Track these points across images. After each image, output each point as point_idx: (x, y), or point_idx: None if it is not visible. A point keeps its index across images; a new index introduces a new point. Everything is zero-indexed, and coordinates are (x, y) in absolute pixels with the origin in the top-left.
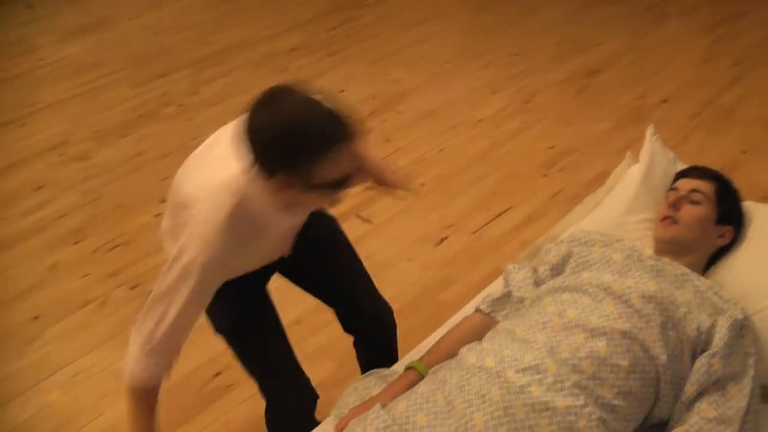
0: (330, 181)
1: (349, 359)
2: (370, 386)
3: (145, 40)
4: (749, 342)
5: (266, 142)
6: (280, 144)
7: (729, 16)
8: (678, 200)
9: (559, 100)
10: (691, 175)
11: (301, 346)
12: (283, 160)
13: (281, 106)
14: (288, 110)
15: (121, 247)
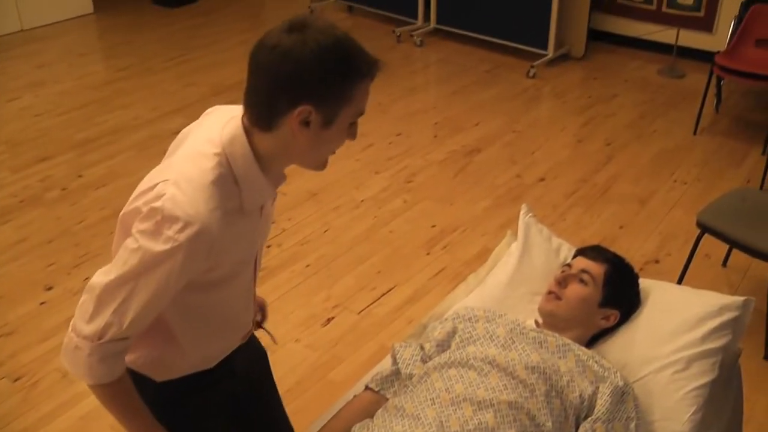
0: (352, 114)
1: None
2: None
3: (24, 122)
4: (630, 407)
5: (309, 55)
6: (326, 56)
7: (599, 99)
8: (565, 278)
9: (439, 179)
10: (588, 255)
11: None
12: (329, 71)
13: (315, 29)
14: (325, 32)
15: (4, 338)
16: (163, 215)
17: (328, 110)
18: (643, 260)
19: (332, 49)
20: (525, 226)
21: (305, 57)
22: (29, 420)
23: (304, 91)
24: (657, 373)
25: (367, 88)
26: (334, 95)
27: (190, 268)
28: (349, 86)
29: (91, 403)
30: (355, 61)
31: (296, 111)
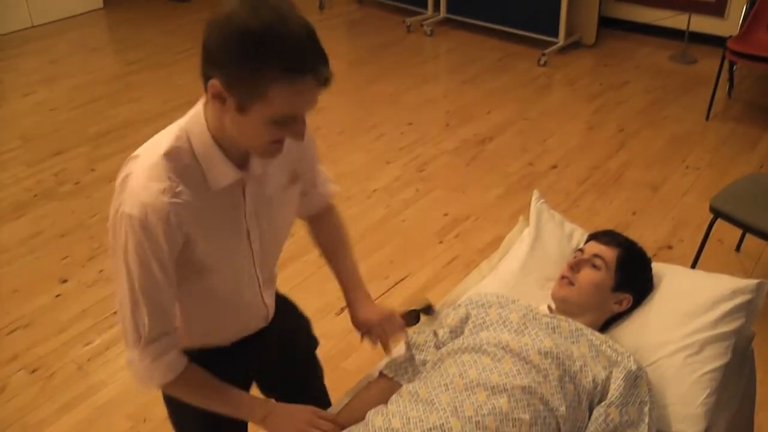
0: (270, 114)
1: None
2: None
3: (38, 117)
4: (644, 391)
5: (231, 31)
6: (247, 37)
7: (610, 86)
8: (578, 263)
9: (451, 168)
10: (600, 239)
11: None
12: (239, 54)
13: (265, 8)
14: (271, 9)
15: (20, 330)
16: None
17: (238, 96)
18: (656, 246)
19: (254, 34)
20: (537, 212)
21: (226, 31)
22: (46, 411)
23: (214, 65)
24: (670, 357)
25: (292, 92)
26: (242, 84)
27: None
28: (261, 82)
29: (107, 394)
30: (275, 57)
31: (209, 83)
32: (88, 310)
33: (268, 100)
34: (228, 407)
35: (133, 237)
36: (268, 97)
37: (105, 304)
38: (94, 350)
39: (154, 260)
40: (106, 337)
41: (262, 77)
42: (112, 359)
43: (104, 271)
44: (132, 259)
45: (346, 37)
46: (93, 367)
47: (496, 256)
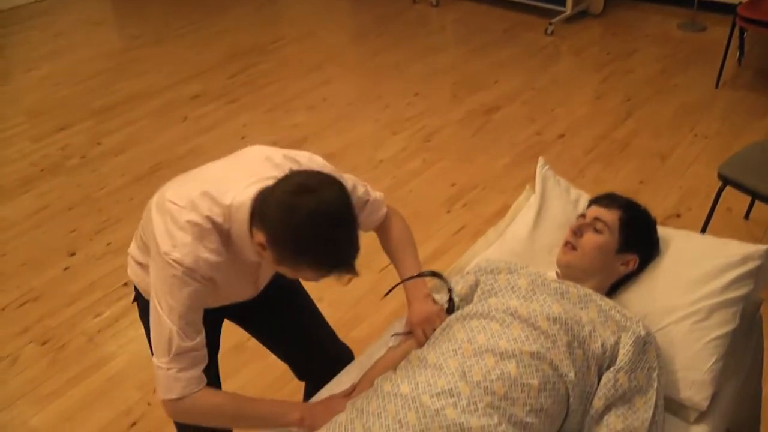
0: (300, 276)
1: (269, 393)
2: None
3: (43, 92)
4: (653, 357)
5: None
6: (300, 232)
7: (618, 55)
8: (580, 228)
9: (458, 138)
10: (601, 203)
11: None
12: (289, 239)
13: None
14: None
15: (30, 303)
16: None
17: (276, 256)
18: (664, 215)
19: (307, 234)
20: (542, 179)
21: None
22: (57, 382)
23: (269, 232)
24: (678, 323)
25: (320, 276)
26: (283, 255)
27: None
28: (298, 263)
29: (117, 365)
30: (315, 256)
31: (257, 234)
32: (97, 282)
33: (299, 272)
34: (261, 419)
35: (185, 273)
36: (300, 271)
37: (113, 276)
38: (104, 322)
39: (195, 291)
40: (115, 310)
41: (301, 261)
42: (121, 331)
43: (112, 244)
44: (177, 284)
45: (352, 8)
46: (103, 338)
47: (503, 223)
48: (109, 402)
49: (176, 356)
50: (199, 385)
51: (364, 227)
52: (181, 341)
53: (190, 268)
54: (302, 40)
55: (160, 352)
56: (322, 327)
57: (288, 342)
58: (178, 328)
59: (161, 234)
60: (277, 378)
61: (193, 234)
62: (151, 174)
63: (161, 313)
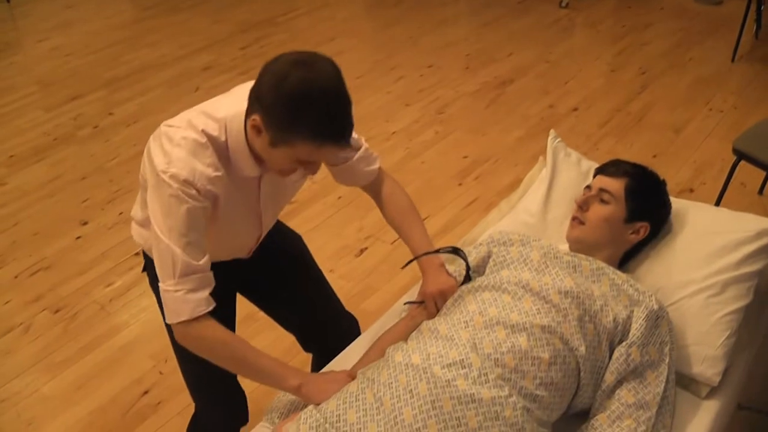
0: (292, 156)
1: None
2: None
3: (54, 62)
4: (665, 331)
5: (283, 89)
6: (293, 99)
7: (634, 27)
8: (586, 200)
9: (471, 110)
10: (606, 171)
11: None
12: (282, 109)
13: (316, 74)
14: (320, 83)
15: (43, 272)
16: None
17: (271, 135)
18: (677, 189)
19: (299, 100)
20: (553, 151)
21: (278, 87)
22: (70, 350)
23: (260, 105)
24: (691, 297)
25: (314, 149)
26: (277, 129)
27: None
28: (292, 135)
29: (129, 334)
30: (309, 124)
31: (251, 117)
32: (109, 252)
33: (294, 147)
34: (262, 374)
35: (180, 189)
36: (295, 146)
37: (125, 246)
38: (116, 291)
39: (193, 208)
40: (127, 279)
41: (294, 132)
42: (133, 300)
43: (123, 214)
44: (174, 203)
45: None
46: (115, 307)
47: (516, 196)
48: (121, 370)
49: (182, 277)
50: (208, 306)
51: (356, 178)
52: (185, 260)
53: (186, 180)
54: (315, 12)
55: (166, 275)
56: (329, 299)
57: (293, 313)
58: (180, 247)
59: (157, 155)
60: (288, 348)
61: (188, 149)
62: None
63: (162, 237)
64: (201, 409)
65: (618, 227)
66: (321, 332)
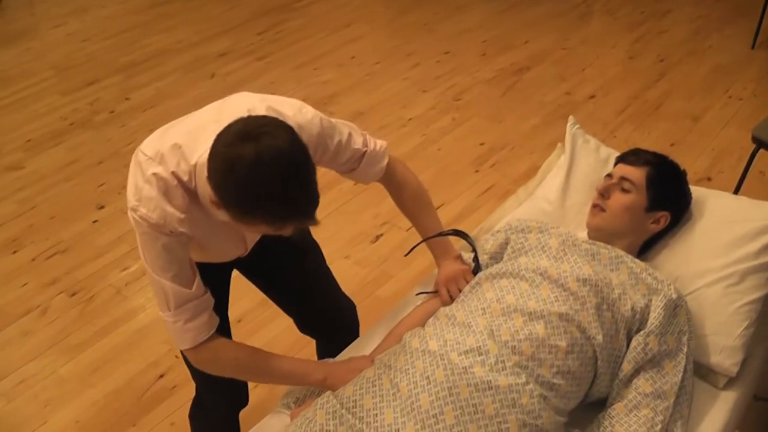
0: (256, 230)
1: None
2: None
3: (71, 47)
4: (683, 320)
5: (233, 178)
6: (244, 192)
7: (652, 14)
8: (607, 188)
9: (488, 97)
10: (627, 160)
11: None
12: (235, 200)
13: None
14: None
15: (59, 255)
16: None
17: (232, 215)
18: (695, 178)
19: (249, 189)
20: (572, 138)
21: (228, 176)
22: (86, 333)
23: (219, 193)
24: (710, 287)
25: (275, 229)
26: (235, 215)
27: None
28: (250, 220)
29: (145, 318)
30: (265, 214)
31: (211, 193)
32: (125, 236)
33: (256, 227)
34: (284, 377)
35: (149, 230)
36: (256, 226)
37: None
38: (132, 275)
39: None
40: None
41: (254, 219)
42: (148, 285)
43: None
44: (149, 240)
45: None
46: (131, 291)
47: (534, 183)
48: (137, 354)
49: (177, 308)
50: (210, 331)
51: (364, 179)
52: (176, 291)
53: (156, 224)
54: None
55: (163, 306)
56: (328, 286)
57: (291, 297)
58: (167, 280)
59: (130, 186)
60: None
61: (158, 188)
62: None
63: (149, 270)
64: (202, 391)
65: (639, 216)
66: (318, 319)
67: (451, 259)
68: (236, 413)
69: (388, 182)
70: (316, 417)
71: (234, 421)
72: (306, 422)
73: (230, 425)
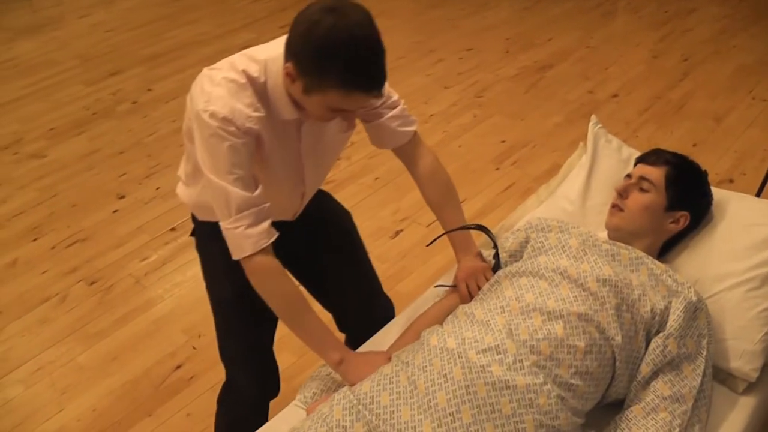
0: (325, 104)
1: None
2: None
3: (96, 38)
4: (703, 324)
5: (312, 36)
6: (322, 47)
7: (677, 13)
8: (626, 188)
9: (510, 94)
10: (647, 160)
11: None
12: (312, 57)
13: (346, 21)
14: (348, 30)
15: (79, 244)
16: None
17: (304, 83)
18: (717, 179)
19: (329, 48)
20: (594, 137)
21: (308, 35)
22: (105, 322)
23: (292, 54)
24: (730, 290)
25: (344, 97)
26: (308, 76)
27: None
28: (323, 83)
29: (163, 308)
30: (338, 71)
31: (285, 64)
32: (145, 226)
33: (325, 95)
34: (310, 336)
35: (220, 127)
36: (326, 93)
37: (161, 220)
38: (151, 265)
39: (234, 144)
40: (162, 253)
41: (325, 80)
42: (168, 275)
43: (161, 189)
44: (215, 141)
45: None
46: (150, 281)
47: (555, 181)
48: (155, 344)
49: (239, 213)
50: (269, 239)
51: (388, 137)
52: (238, 194)
53: (225, 118)
54: None
55: (223, 214)
56: (371, 279)
57: (333, 289)
58: (230, 183)
59: (197, 95)
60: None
61: (228, 88)
62: None
63: (211, 177)
64: (233, 378)
65: (658, 216)
66: (357, 312)
67: (471, 255)
68: (267, 401)
69: (414, 164)
70: (333, 412)
71: (263, 410)
72: (322, 417)
73: (259, 413)
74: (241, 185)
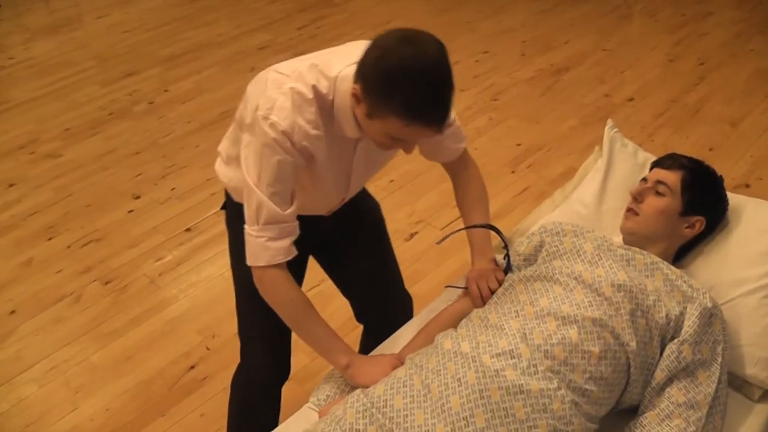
0: (386, 131)
1: None
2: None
3: (113, 38)
4: (718, 330)
5: (385, 63)
6: (392, 75)
7: (693, 17)
8: (641, 192)
9: (526, 98)
10: (663, 164)
11: None
12: (380, 82)
13: (419, 52)
14: (420, 61)
15: (94, 243)
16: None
17: (368, 106)
18: (733, 184)
19: (398, 77)
20: (610, 141)
21: (381, 60)
22: (119, 322)
23: (364, 76)
24: (746, 297)
25: (405, 127)
26: (373, 100)
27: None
28: (386, 110)
29: (178, 309)
30: (404, 101)
31: (356, 84)
32: (160, 226)
33: (386, 122)
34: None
35: (274, 139)
36: (387, 120)
37: (176, 221)
38: (166, 266)
39: (284, 161)
40: (177, 254)
41: (387, 106)
42: (182, 275)
43: (176, 189)
44: (267, 152)
45: None
46: (164, 281)
47: (570, 185)
48: (169, 344)
49: (266, 225)
50: (287, 256)
51: (442, 152)
52: (270, 208)
53: (284, 131)
54: None
55: (251, 219)
56: (394, 272)
57: (358, 279)
58: (267, 196)
59: (260, 98)
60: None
61: (293, 101)
62: (216, 122)
63: (250, 183)
64: (247, 357)
65: (673, 220)
66: (377, 302)
67: (485, 257)
68: (278, 385)
69: (456, 173)
70: (347, 415)
71: (275, 395)
72: (336, 420)
73: (270, 396)
74: (278, 200)
